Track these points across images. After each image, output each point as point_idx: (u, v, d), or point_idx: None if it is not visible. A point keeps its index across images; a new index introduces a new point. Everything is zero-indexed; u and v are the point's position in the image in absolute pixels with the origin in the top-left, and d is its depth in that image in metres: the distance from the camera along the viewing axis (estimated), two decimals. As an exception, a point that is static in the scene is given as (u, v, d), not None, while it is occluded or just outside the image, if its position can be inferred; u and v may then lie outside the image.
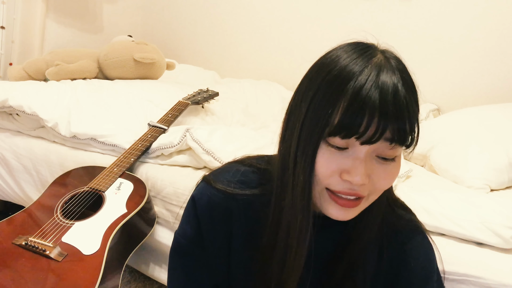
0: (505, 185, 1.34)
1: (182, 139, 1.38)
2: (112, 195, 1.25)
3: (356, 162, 0.55)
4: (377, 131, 0.53)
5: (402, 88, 0.54)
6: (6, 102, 1.56)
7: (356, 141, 0.54)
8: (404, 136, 0.54)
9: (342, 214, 0.59)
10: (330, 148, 0.56)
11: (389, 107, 0.52)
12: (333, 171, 0.56)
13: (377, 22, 2.16)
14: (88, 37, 2.53)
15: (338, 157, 0.56)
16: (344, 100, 0.53)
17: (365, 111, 0.52)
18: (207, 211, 0.69)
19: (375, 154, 0.56)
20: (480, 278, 0.98)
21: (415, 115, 0.55)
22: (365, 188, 0.57)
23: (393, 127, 0.53)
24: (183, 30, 2.81)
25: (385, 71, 0.54)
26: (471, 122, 1.51)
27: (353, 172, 0.55)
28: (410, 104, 0.54)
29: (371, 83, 0.53)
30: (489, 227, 1.03)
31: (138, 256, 1.35)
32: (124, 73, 1.94)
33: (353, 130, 0.53)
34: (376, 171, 0.57)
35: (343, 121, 0.53)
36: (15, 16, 2.08)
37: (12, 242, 1.11)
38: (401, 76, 0.55)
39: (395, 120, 0.53)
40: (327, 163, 0.56)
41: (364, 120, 0.52)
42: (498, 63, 1.91)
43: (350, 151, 0.56)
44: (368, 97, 0.52)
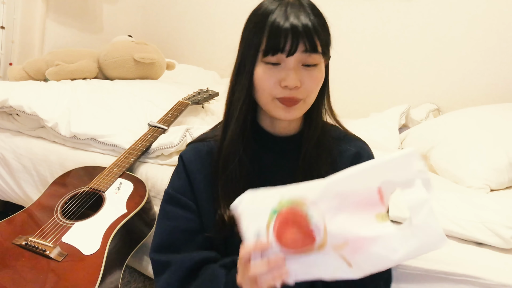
0: (505, 185, 1.34)
1: (182, 139, 1.38)
2: (112, 195, 1.25)
3: (288, 71, 0.75)
4: (293, 45, 0.73)
5: (306, 14, 0.75)
6: (6, 102, 1.56)
7: (282, 55, 0.74)
8: (314, 46, 0.74)
9: (288, 114, 0.78)
10: (267, 65, 0.76)
11: (297, 27, 0.73)
12: (274, 82, 0.75)
13: (377, 22, 2.16)
14: (88, 37, 2.53)
15: (275, 71, 0.75)
16: (266, 30, 0.74)
17: (281, 34, 0.73)
18: (193, 160, 0.86)
19: (300, 64, 0.75)
20: (480, 278, 0.98)
21: (319, 31, 0.75)
22: (300, 91, 0.76)
23: (304, 41, 0.73)
24: (183, 30, 2.81)
25: (293, 5, 0.75)
26: (471, 122, 1.51)
27: (287, 78, 0.74)
28: (314, 24, 0.74)
29: (282, 13, 0.74)
30: (489, 227, 1.03)
31: (138, 256, 1.35)
32: (124, 73, 1.94)
33: (277, 47, 0.73)
34: (304, 76, 0.76)
35: (268, 44, 0.74)
36: (15, 16, 2.08)
37: (12, 242, 1.11)
38: (308, 7, 0.77)
39: (303, 35, 0.73)
40: (268, 77, 0.76)
41: (281, 39, 0.73)
42: (498, 63, 1.91)
43: (283, 65, 0.75)
44: (281, 24, 0.73)
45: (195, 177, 0.85)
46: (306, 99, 0.78)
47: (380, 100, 2.14)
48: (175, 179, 0.88)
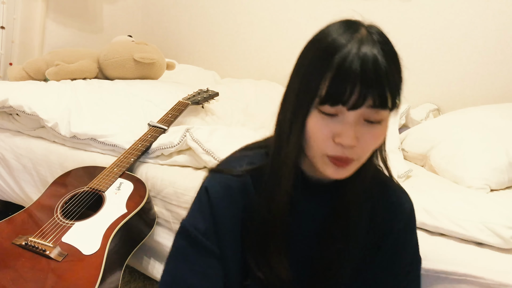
0: (505, 185, 1.34)
1: (182, 139, 1.38)
2: (112, 195, 1.25)
3: (345, 126, 0.62)
4: (360, 98, 0.60)
5: (382, 58, 0.60)
6: (6, 102, 1.56)
7: (343, 107, 0.61)
8: (385, 101, 0.61)
9: (338, 173, 0.67)
10: (322, 115, 0.63)
11: (369, 76, 0.59)
12: (326, 135, 0.63)
13: (377, 22, 2.15)
14: (88, 37, 2.53)
15: (330, 123, 0.63)
16: (330, 72, 0.60)
17: (348, 81, 0.59)
18: (222, 197, 0.72)
19: (362, 118, 0.63)
20: (480, 278, 0.98)
21: (394, 82, 0.62)
22: (355, 151, 0.64)
23: (374, 93, 0.60)
24: (183, 30, 2.81)
25: (366, 44, 0.61)
26: (471, 122, 1.51)
27: (343, 135, 0.62)
28: (389, 73, 0.61)
29: (353, 55, 0.60)
30: (489, 227, 1.03)
31: (138, 256, 1.35)
32: (124, 73, 1.94)
33: (339, 98, 0.60)
34: (364, 134, 0.63)
35: (330, 90, 0.61)
36: (15, 16, 2.08)
37: (12, 242, 1.11)
38: (382, 48, 0.61)
39: (375, 87, 0.59)
40: (321, 129, 0.63)
41: (348, 88, 0.59)
42: (498, 63, 1.91)
43: (340, 117, 0.62)
44: (350, 68, 0.59)
45: (222, 216, 0.72)
46: (360, 159, 0.67)
47: (380, 100, 2.14)
48: (197, 216, 0.73)
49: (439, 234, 1.08)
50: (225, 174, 0.74)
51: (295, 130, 0.66)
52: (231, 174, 0.74)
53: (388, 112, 0.63)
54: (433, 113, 1.96)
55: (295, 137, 0.67)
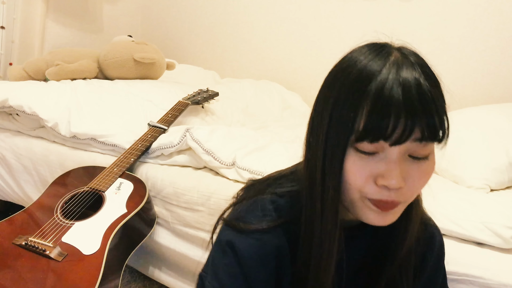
0: (505, 185, 1.34)
1: (182, 139, 1.38)
2: (112, 195, 1.25)
3: (389, 165, 0.53)
4: (405, 130, 0.51)
5: (425, 82, 0.53)
6: (6, 102, 1.56)
7: (385, 143, 0.53)
8: (434, 132, 0.53)
9: (382, 219, 0.57)
10: (359, 154, 0.54)
11: (414, 103, 0.51)
12: (367, 177, 0.55)
13: (377, 22, 2.16)
14: (88, 37, 2.53)
15: (369, 162, 0.54)
16: (366, 102, 0.52)
17: (390, 111, 0.51)
18: (255, 257, 0.62)
19: (407, 154, 0.54)
20: (480, 278, 0.98)
21: (442, 108, 0.55)
22: (402, 193, 0.55)
23: (421, 124, 0.52)
24: (183, 30, 2.81)
25: (405, 68, 0.53)
26: (471, 122, 1.51)
27: (388, 176, 0.53)
28: (435, 98, 0.53)
29: (392, 81, 0.52)
30: (489, 227, 1.03)
31: (138, 256, 1.35)
32: (124, 73, 1.94)
33: (380, 132, 0.52)
34: (410, 172, 0.55)
35: (369, 125, 0.52)
36: (15, 16, 2.08)
37: (12, 242, 1.11)
38: (422, 70, 0.54)
39: (422, 116, 0.52)
40: (359, 170, 0.54)
41: (390, 120, 0.51)
42: (498, 63, 1.91)
43: (381, 155, 0.54)
44: (391, 95, 0.51)
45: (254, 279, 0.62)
46: (407, 200, 0.58)
47: (380, 100, 2.14)
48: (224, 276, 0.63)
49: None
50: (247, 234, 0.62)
51: (332, 177, 0.57)
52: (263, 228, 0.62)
53: (434, 144, 0.56)
54: (433, 113, 1.96)
55: (332, 187, 0.57)
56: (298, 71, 2.42)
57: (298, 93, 2.30)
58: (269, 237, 0.62)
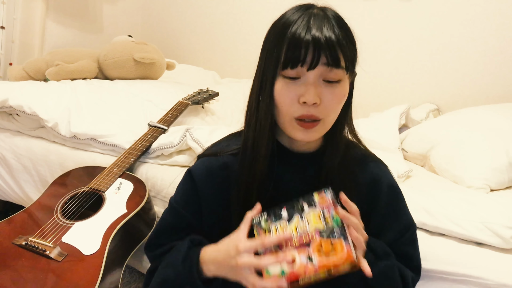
0: (505, 185, 1.34)
1: (182, 139, 1.38)
2: (112, 195, 1.25)
3: (307, 86, 0.71)
4: (314, 58, 0.69)
5: (331, 23, 0.70)
6: (6, 102, 1.56)
7: (302, 68, 0.70)
8: (337, 60, 0.70)
9: (307, 136, 0.74)
10: (285, 80, 0.72)
11: (320, 38, 0.68)
12: (292, 98, 0.72)
13: (377, 22, 2.16)
14: (88, 37, 2.53)
15: (293, 86, 0.72)
16: (286, 41, 0.70)
17: (301, 45, 0.69)
18: (205, 177, 0.83)
19: (321, 78, 0.71)
20: (480, 278, 0.98)
21: (346, 45, 0.71)
22: (319, 110, 0.72)
23: (326, 53, 0.69)
24: (183, 30, 2.81)
25: (317, 16, 0.71)
26: (471, 122, 1.51)
27: (307, 94, 0.70)
28: (340, 36, 0.70)
29: (304, 23, 0.70)
30: (489, 227, 1.03)
31: (138, 256, 1.35)
32: (124, 73, 1.94)
33: (296, 59, 0.69)
34: (325, 93, 0.71)
35: (287, 55, 0.70)
36: (15, 16, 2.08)
37: (12, 242, 1.11)
38: (333, 20, 0.71)
39: (327, 48, 0.69)
40: (286, 93, 0.72)
41: (302, 51, 0.69)
42: (498, 63, 1.91)
43: (302, 80, 0.71)
44: (303, 35, 0.69)
45: (204, 193, 0.82)
46: (325, 119, 0.74)
47: (380, 100, 2.14)
48: (180, 194, 0.86)
49: (439, 234, 1.08)
50: (206, 157, 0.85)
51: (264, 97, 0.75)
52: (211, 155, 0.84)
53: (343, 73, 0.72)
54: (433, 113, 1.96)
55: (265, 104, 0.75)
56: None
57: (298, 93, 2.30)
58: (217, 159, 0.83)
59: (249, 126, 0.79)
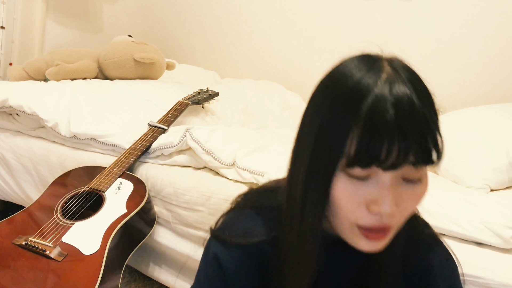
0: (505, 185, 1.34)
1: (182, 139, 1.38)
2: (112, 195, 1.25)
3: (382, 190, 0.51)
4: (400, 155, 0.48)
5: (418, 101, 0.49)
6: (6, 102, 1.56)
7: (378, 168, 0.50)
8: (428, 155, 0.50)
9: (373, 247, 0.55)
10: (351, 179, 0.51)
11: (408, 125, 0.48)
12: (359, 203, 0.52)
13: (377, 22, 2.16)
14: (88, 37, 2.53)
15: (361, 187, 0.51)
16: (358, 124, 0.49)
17: (383, 134, 0.48)
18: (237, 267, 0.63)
19: (400, 177, 0.52)
20: (480, 278, 0.98)
21: (436, 129, 0.51)
22: (394, 217, 0.53)
23: (416, 147, 0.49)
24: (184, 30, 2.81)
25: (397, 85, 0.50)
26: (471, 122, 1.51)
27: (381, 202, 0.51)
28: (429, 118, 0.50)
29: (385, 101, 0.48)
30: (489, 227, 1.03)
31: (138, 256, 1.35)
32: (124, 73, 1.94)
33: (374, 157, 0.49)
34: (403, 196, 0.52)
35: (361, 149, 0.49)
36: (15, 16, 2.08)
37: (12, 242, 1.11)
38: (414, 88, 0.51)
39: (416, 139, 0.49)
40: (351, 196, 0.52)
41: (384, 145, 0.48)
42: (498, 63, 1.91)
43: (374, 180, 0.51)
44: (384, 117, 0.48)
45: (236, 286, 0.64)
46: (397, 225, 0.56)
47: (380, 100, 2.14)
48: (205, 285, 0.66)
49: (439, 234, 1.08)
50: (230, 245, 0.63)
51: (314, 194, 0.55)
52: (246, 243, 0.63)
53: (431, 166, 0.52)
54: (433, 113, 1.96)
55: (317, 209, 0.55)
56: (298, 71, 2.42)
57: (298, 93, 2.30)
58: (252, 250, 0.63)
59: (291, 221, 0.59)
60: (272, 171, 1.25)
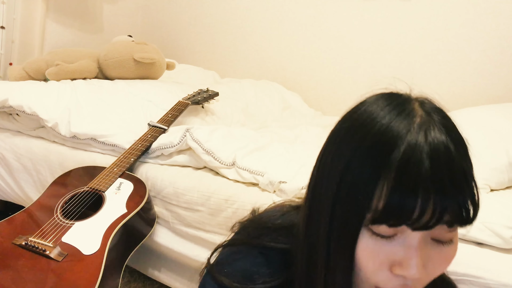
0: (505, 185, 1.34)
1: (182, 139, 1.38)
2: (112, 195, 1.25)
3: (409, 251, 0.44)
4: (434, 215, 0.42)
5: (455, 150, 0.44)
6: (6, 102, 1.56)
7: (407, 227, 0.43)
8: (467, 215, 0.44)
9: None
10: (374, 237, 0.45)
11: (446, 180, 0.42)
12: (381, 264, 0.45)
13: (377, 22, 2.16)
14: (88, 37, 2.53)
15: (385, 246, 0.45)
16: (388, 176, 0.42)
17: (417, 190, 0.41)
18: None
19: (430, 237, 0.45)
20: (480, 278, 0.98)
21: (474, 183, 0.46)
22: (419, 281, 0.46)
23: (453, 206, 0.43)
24: (183, 30, 2.81)
25: (432, 132, 0.44)
26: (471, 122, 1.51)
27: (406, 264, 0.44)
28: (467, 171, 0.45)
29: (420, 152, 0.42)
30: (489, 227, 1.03)
31: (138, 256, 1.35)
32: (124, 73, 1.94)
33: (405, 215, 0.42)
34: (432, 258, 0.45)
35: (391, 205, 0.42)
36: (15, 16, 2.08)
37: (12, 242, 1.10)
38: (449, 135, 0.45)
39: (455, 196, 0.43)
40: (373, 256, 0.45)
41: (418, 202, 0.41)
42: (498, 63, 1.91)
43: (400, 238, 0.44)
44: (419, 170, 0.41)
45: None
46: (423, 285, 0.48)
47: (380, 100, 2.14)
48: None
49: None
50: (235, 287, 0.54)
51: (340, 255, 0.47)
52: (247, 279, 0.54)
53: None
54: (433, 113, 1.96)
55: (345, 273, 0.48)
56: (298, 71, 2.42)
57: (298, 93, 2.30)
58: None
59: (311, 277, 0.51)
60: (272, 171, 1.25)
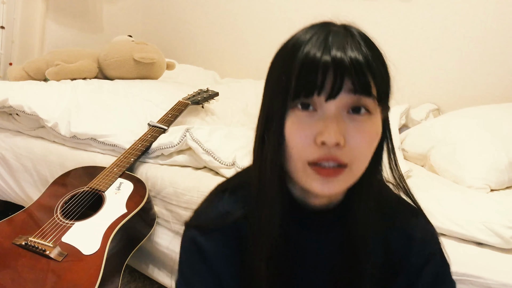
0: (505, 185, 1.34)
1: (182, 139, 1.38)
2: (112, 195, 1.25)
3: (326, 121, 0.53)
4: (335, 83, 0.52)
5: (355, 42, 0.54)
6: (6, 102, 1.56)
7: (319, 97, 0.53)
8: (365, 86, 0.53)
9: (326, 187, 0.55)
10: (297, 113, 0.54)
11: (343, 60, 0.52)
12: (306, 137, 0.54)
13: (377, 22, 2.16)
14: (88, 37, 2.53)
15: (308, 121, 0.54)
16: (297, 63, 0.53)
17: (318, 66, 0.52)
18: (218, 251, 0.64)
19: (345, 110, 0.54)
20: (480, 278, 0.98)
21: (376, 67, 0.54)
22: (343, 152, 0.53)
23: (351, 76, 0.52)
24: (183, 30, 2.81)
25: (337, 33, 0.55)
26: (471, 122, 1.51)
27: (326, 131, 0.52)
28: (367, 56, 0.53)
29: (321, 41, 0.53)
30: (489, 227, 1.03)
31: (138, 256, 1.35)
32: (124, 73, 1.94)
33: (311, 85, 0.52)
34: (350, 130, 0.54)
35: (300, 81, 0.53)
36: (15, 16, 2.08)
37: (12, 242, 1.11)
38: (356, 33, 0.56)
39: (353, 69, 0.52)
40: (299, 130, 0.54)
41: (319, 74, 0.52)
42: (498, 63, 1.91)
43: (319, 113, 0.54)
44: (319, 54, 0.52)
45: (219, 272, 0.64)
46: (352, 165, 0.55)
47: (380, 100, 2.14)
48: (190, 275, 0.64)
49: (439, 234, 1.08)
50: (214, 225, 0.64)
51: (271, 138, 0.57)
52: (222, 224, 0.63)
53: (374, 104, 0.54)
54: (433, 113, 1.96)
55: (272, 146, 0.57)
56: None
57: (298, 93, 2.30)
58: (229, 231, 0.63)
59: (255, 177, 0.61)
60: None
